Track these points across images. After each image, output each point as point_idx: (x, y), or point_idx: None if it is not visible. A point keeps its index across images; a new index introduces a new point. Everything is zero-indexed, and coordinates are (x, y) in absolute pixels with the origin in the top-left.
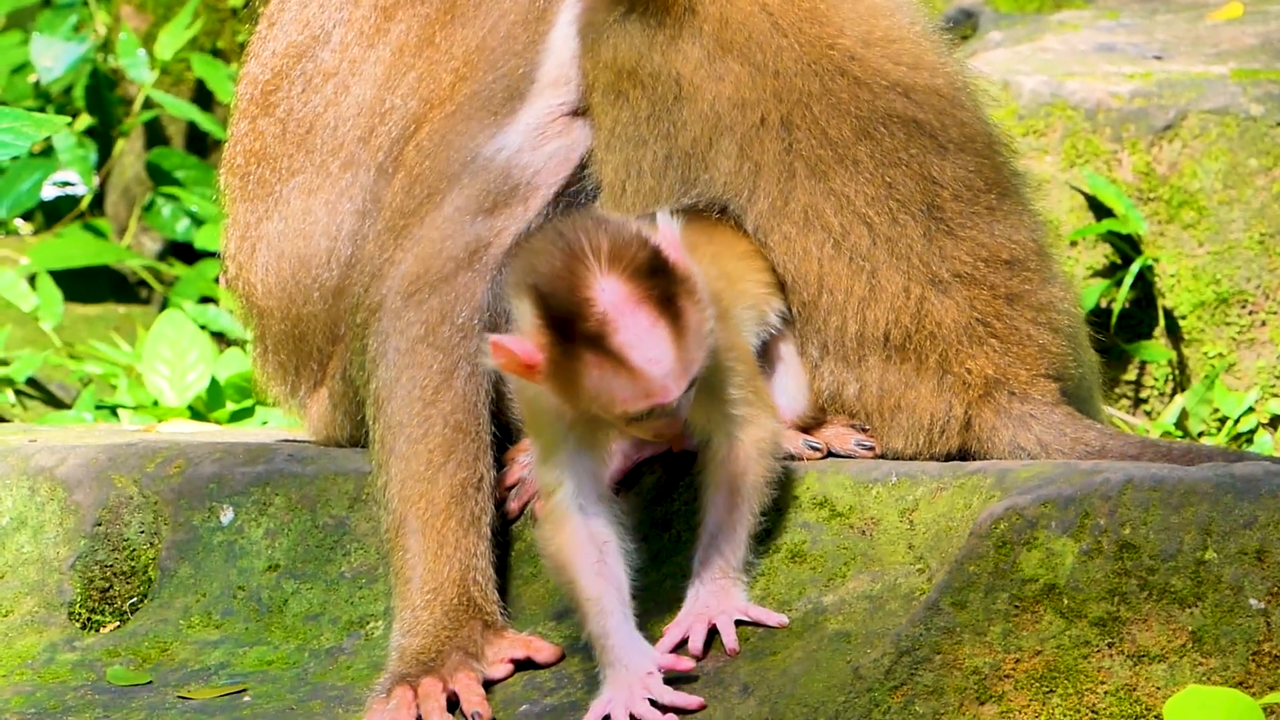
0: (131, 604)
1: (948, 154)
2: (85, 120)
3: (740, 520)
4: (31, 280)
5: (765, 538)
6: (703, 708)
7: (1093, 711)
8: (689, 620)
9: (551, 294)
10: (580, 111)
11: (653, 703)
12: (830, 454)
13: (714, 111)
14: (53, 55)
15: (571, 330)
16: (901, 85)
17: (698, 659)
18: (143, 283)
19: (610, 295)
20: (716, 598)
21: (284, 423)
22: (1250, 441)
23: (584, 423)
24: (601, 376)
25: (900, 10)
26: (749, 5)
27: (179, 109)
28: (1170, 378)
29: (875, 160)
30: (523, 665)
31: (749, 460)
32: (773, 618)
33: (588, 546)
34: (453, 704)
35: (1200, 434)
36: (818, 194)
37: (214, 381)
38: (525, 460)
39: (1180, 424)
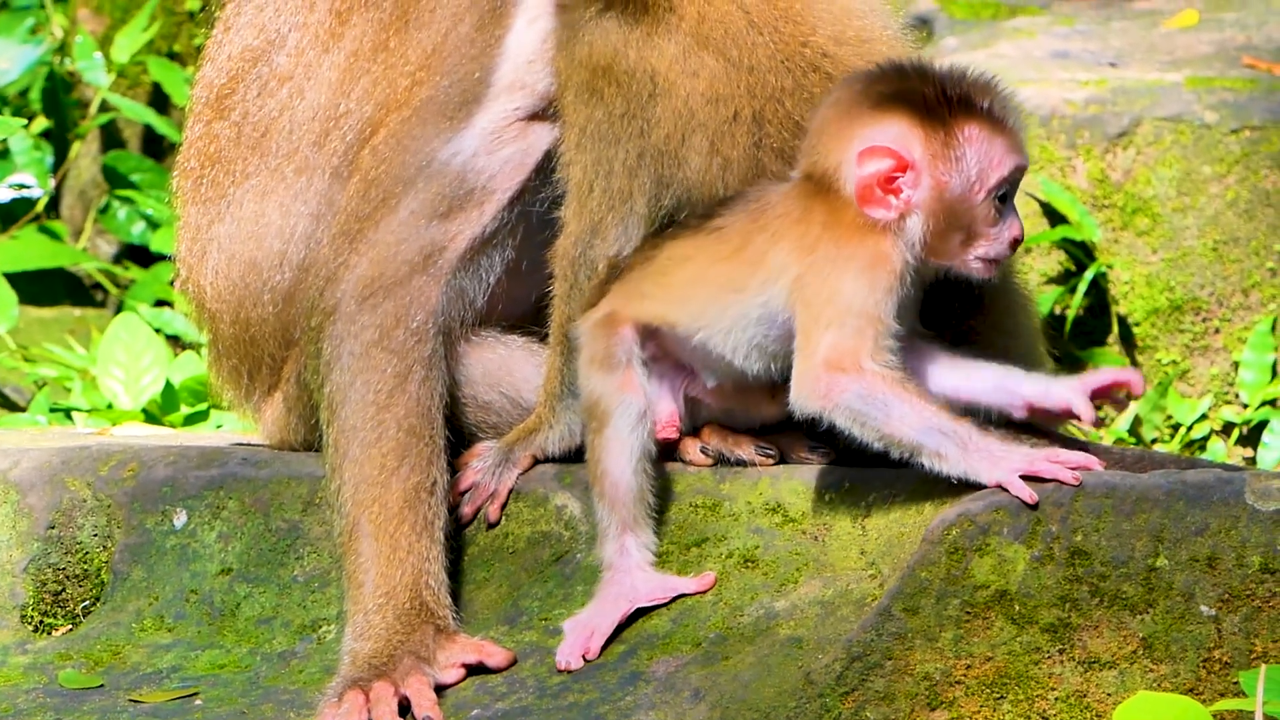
0: (84, 607)
1: None
2: (41, 123)
3: None
4: None
5: (718, 543)
6: None
7: (1043, 717)
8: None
9: (925, 81)
10: (536, 116)
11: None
12: (783, 460)
13: (688, 108)
14: (9, 57)
15: (948, 104)
16: None
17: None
18: (98, 286)
19: (969, 72)
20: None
21: (238, 426)
22: (1203, 449)
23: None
24: (982, 140)
25: (872, 13)
26: (727, 4)
27: (135, 112)
28: None
29: None
30: (475, 670)
31: None
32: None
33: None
34: (404, 708)
35: (1153, 441)
36: None
37: (169, 385)
38: (478, 465)
39: (1133, 431)
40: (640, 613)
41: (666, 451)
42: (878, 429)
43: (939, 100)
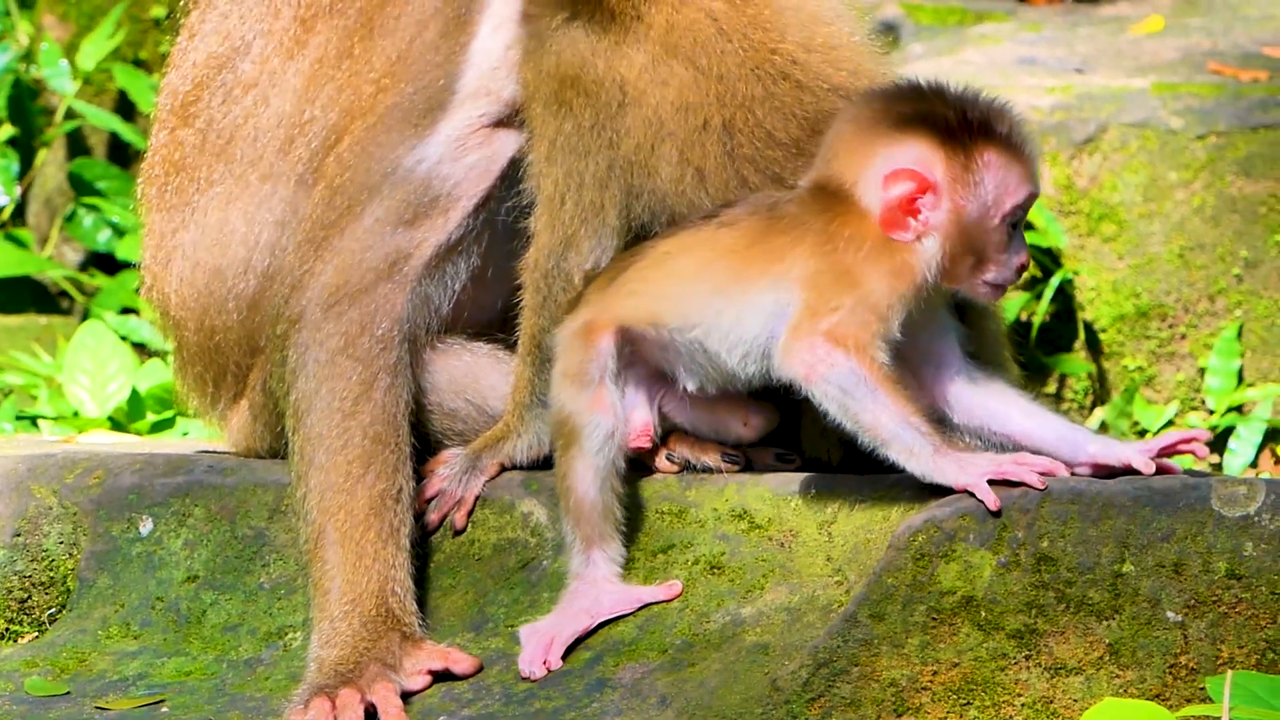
0: (50, 614)
1: None
2: (7, 130)
3: None
4: None
5: (684, 549)
6: None
7: None
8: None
9: (945, 104)
10: (502, 123)
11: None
12: (749, 467)
13: (657, 117)
14: None
15: (968, 129)
16: (843, 90)
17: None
18: (64, 293)
19: (983, 96)
20: None
21: (204, 434)
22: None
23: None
24: (1000, 166)
25: (840, 19)
26: (695, 12)
27: (101, 119)
28: (1090, 391)
29: None
30: (441, 677)
31: None
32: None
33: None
34: (370, 715)
35: None
36: None
37: (135, 392)
38: (444, 472)
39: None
40: (605, 623)
41: (633, 458)
42: (858, 411)
43: (960, 124)
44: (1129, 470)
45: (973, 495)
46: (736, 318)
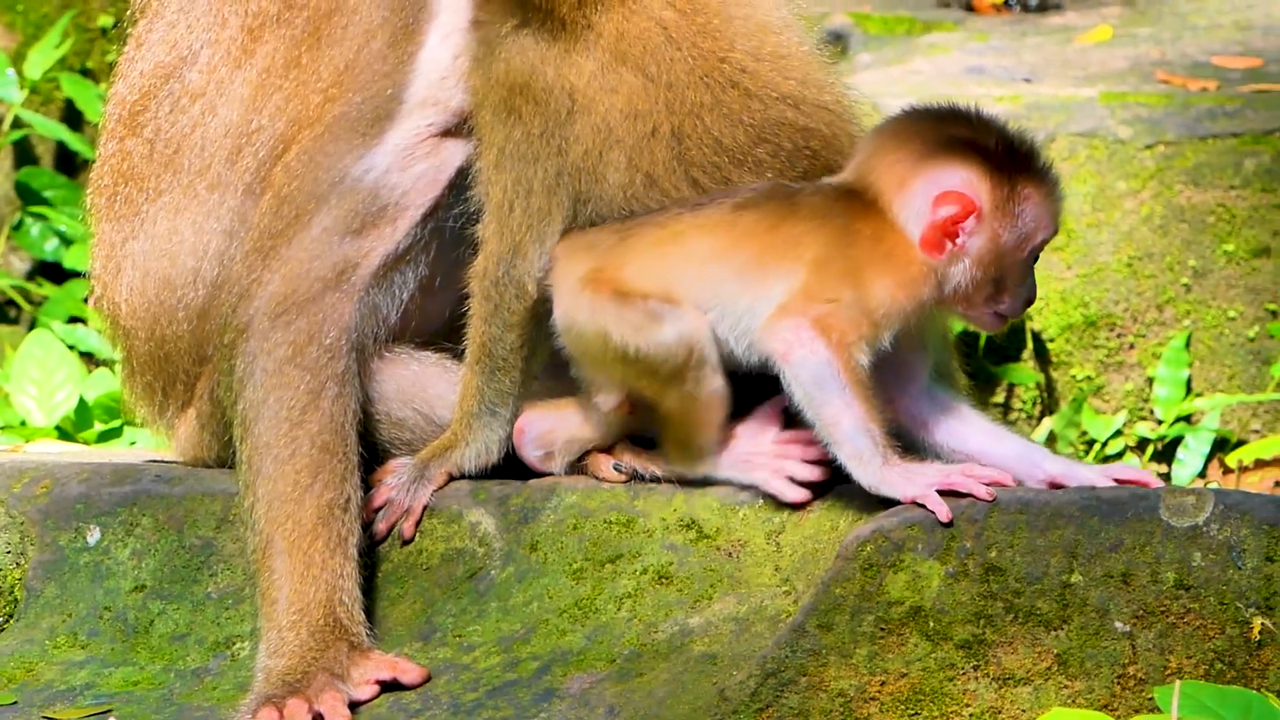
0: None
1: (847, 161)
2: None
3: None
4: None
5: (632, 559)
6: None
7: None
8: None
9: (992, 134)
10: (450, 132)
11: None
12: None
13: (606, 124)
14: None
15: (1013, 160)
16: (791, 98)
17: None
18: (11, 302)
19: (1022, 131)
20: None
21: (152, 443)
22: None
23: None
24: (1037, 200)
25: (789, 29)
26: (645, 20)
27: (48, 128)
28: (1038, 400)
29: (778, 160)
30: (389, 686)
31: None
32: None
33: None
34: None
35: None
36: None
37: (82, 402)
38: (392, 482)
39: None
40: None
41: (579, 468)
42: (821, 404)
43: (1006, 154)
44: None
45: (923, 506)
46: (750, 305)
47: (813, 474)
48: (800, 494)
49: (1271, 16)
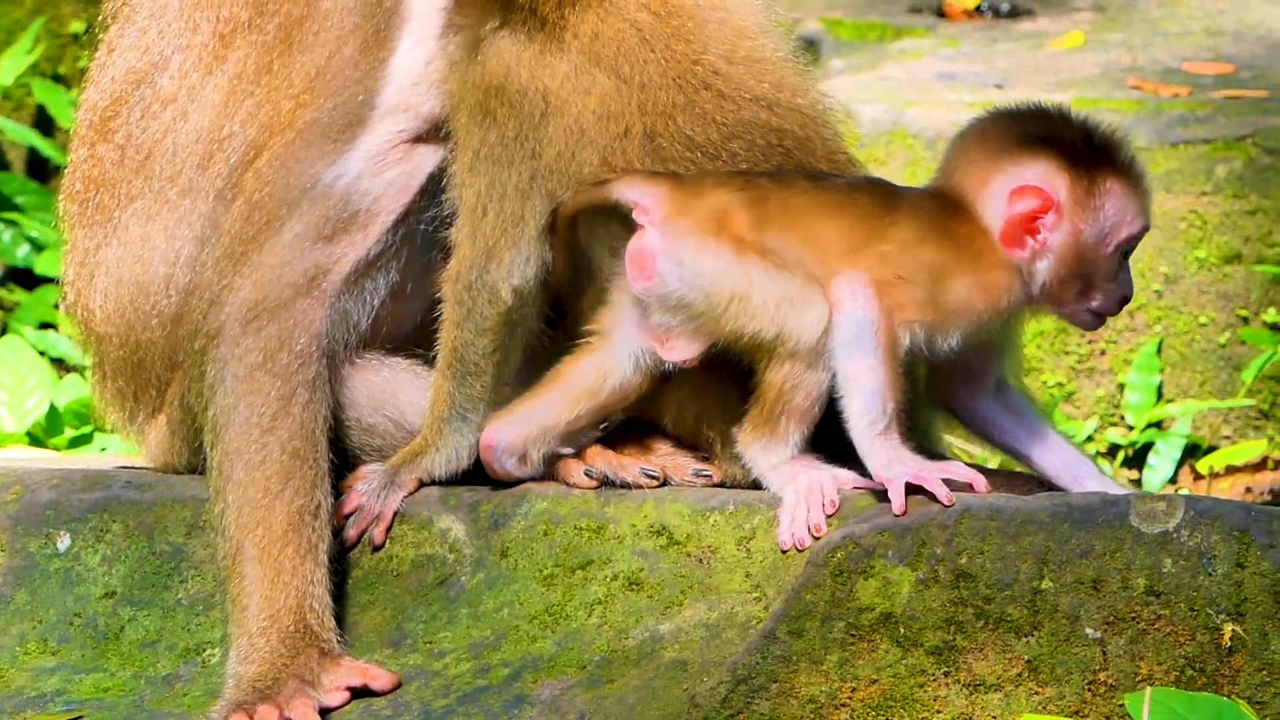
0: None
1: (819, 163)
2: None
3: None
4: None
5: (603, 565)
6: None
7: None
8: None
9: (1071, 128)
10: (421, 138)
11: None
12: (667, 482)
13: (579, 125)
14: None
15: (1093, 154)
16: (765, 100)
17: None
18: None
19: (1106, 125)
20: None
21: (123, 449)
22: None
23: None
24: (1120, 194)
25: (764, 34)
26: (620, 22)
27: (19, 134)
28: None
29: (752, 155)
30: (359, 693)
31: None
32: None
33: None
34: None
35: None
36: None
37: (53, 408)
38: (363, 488)
39: None
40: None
41: (550, 473)
42: (850, 357)
43: (1085, 148)
44: None
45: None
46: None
47: (823, 528)
48: (800, 539)
49: (1243, 23)
